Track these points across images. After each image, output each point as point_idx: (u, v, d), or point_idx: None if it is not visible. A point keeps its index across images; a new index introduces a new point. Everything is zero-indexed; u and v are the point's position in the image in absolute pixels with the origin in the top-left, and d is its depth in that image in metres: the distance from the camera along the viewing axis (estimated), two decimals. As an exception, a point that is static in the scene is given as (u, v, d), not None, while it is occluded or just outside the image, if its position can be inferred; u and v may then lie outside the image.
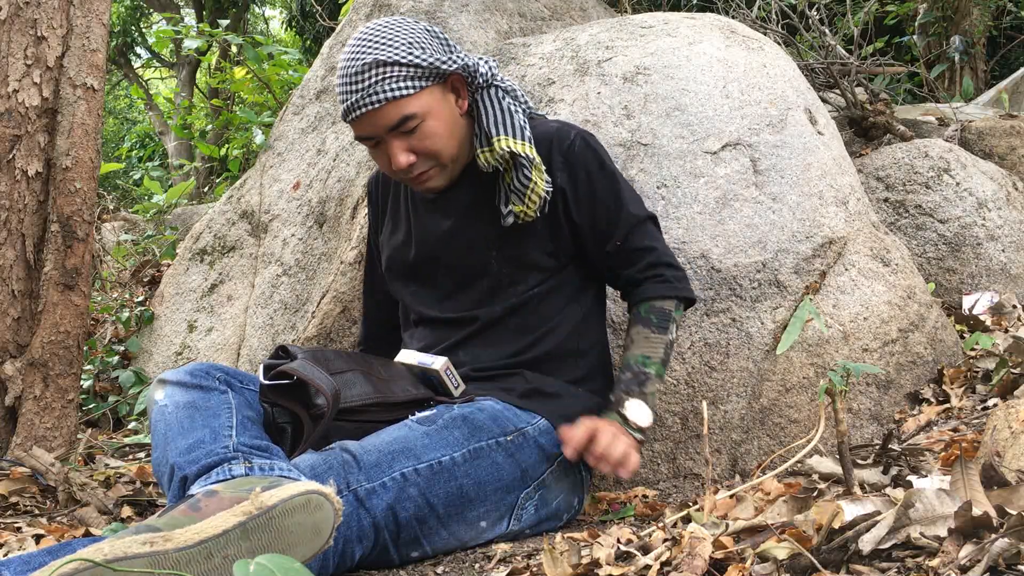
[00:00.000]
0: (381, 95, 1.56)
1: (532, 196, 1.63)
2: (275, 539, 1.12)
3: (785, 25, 3.75)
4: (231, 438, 1.35)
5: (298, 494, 1.16)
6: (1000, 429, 1.38)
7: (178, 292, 2.82)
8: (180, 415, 1.40)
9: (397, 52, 1.56)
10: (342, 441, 1.46)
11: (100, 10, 2.22)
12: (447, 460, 1.45)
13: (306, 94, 2.73)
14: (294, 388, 1.46)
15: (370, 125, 1.59)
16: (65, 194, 2.14)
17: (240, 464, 1.28)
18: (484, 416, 1.53)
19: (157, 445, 1.40)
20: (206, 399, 1.42)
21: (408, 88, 1.57)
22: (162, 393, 1.45)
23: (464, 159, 1.70)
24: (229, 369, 1.52)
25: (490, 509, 1.49)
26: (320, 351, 1.56)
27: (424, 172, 1.64)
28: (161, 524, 1.15)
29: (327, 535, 1.19)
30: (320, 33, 8.76)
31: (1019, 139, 3.14)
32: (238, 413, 1.41)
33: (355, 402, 1.49)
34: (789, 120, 2.08)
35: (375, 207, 1.91)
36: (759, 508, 1.34)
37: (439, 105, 1.62)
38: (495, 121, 1.65)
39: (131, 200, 7.72)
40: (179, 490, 1.31)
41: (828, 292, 1.99)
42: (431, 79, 1.60)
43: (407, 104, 1.57)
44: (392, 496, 1.39)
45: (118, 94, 14.07)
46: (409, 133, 1.60)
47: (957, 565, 0.96)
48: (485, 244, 1.68)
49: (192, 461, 1.31)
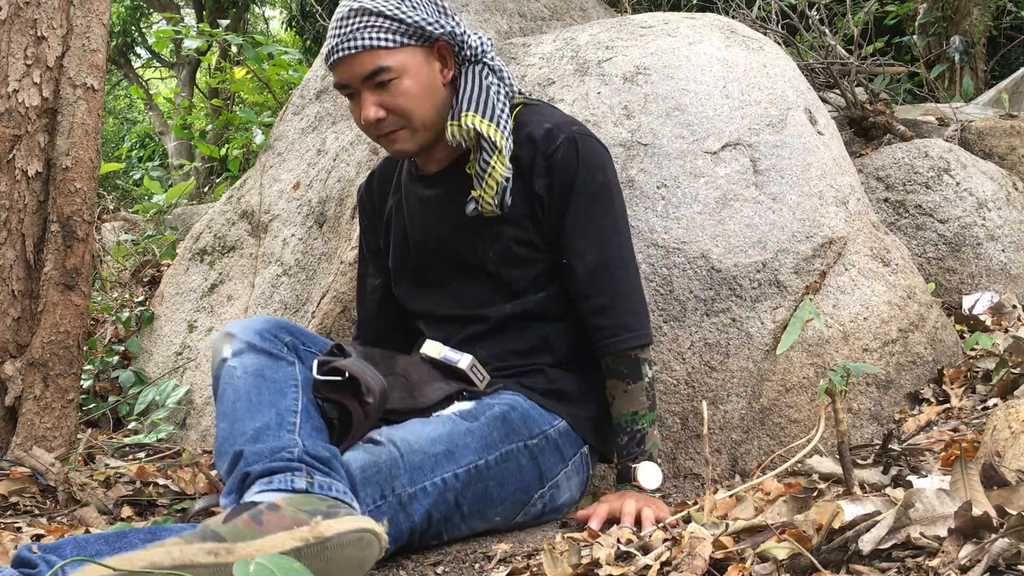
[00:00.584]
0: (359, 42, 1.56)
1: (489, 181, 1.59)
2: (323, 567, 1.16)
3: (785, 25, 3.75)
4: (295, 433, 1.37)
5: (354, 530, 1.19)
6: (1000, 429, 1.38)
7: (178, 292, 2.82)
8: (248, 384, 1.41)
9: (387, 4, 1.57)
10: (389, 431, 1.47)
11: (100, 10, 2.21)
12: (482, 464, 1.49)
13: (306, 94, 2.73)
14: (346, 385, 1.47)
15: (347, 72, 1.59)
16: (65, 194, 2.14)
17: (302, 478, 1.30)
18: (517, 416, 1.57)
19: (224, 415, 1.40)
20: (275, 369, 1.43)
21: (387, 41, 1.57)
22: (229, 349, 1.46)
23: (439, 128, 1.65)
24: (294, 328, 1.53)
25: (507, 507, 1.55)
26: (369, 351, 1.58)
27: (393, 131, 1.62)
28: (225, 533, 1.18)
29: (368, 568, 1.24)
30: (320, 33, 8.76)
31: (1019, 139, 3.14)
32: (303, 394, 1.43)
33: (395, 404, 1.52)
34: (789, 120, 2.08)
35: (370, 214, 1.89)
36: (759, 508, 1.34)
37: (418, 67, 1.60)
38: (469, 96, 1.63)
39: (131, 200, 7.72)
40: (239, 483, 1.33)
41: (828, 292, 1.99)
42: (414, 39, 1.59)
43: (383, 56, 1.57)
44: (431, 501, 1.43)
45: (118, 94, 14.06)
46: (382, 87, 1.58)
47: (957, 565, 0.96)
48: (481, 243, 1.68)
49: (257, 455, 1.32)
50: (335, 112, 2.58)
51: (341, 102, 2.56)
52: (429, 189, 1.74)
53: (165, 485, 2.04)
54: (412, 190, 1.77)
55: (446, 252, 1.72)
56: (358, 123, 1.66)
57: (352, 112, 1.66)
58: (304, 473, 1.31)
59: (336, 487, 1.32)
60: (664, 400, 1.89)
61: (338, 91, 1.66)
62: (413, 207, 1.77)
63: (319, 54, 2.77)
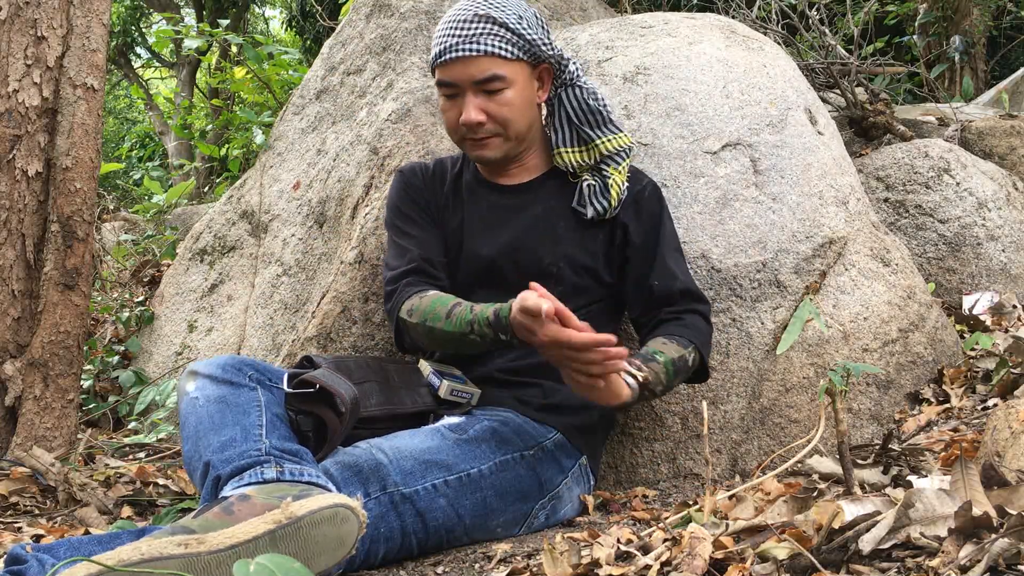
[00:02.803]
0: (481, 46, 1.63)
1: (614, 187, 1.72)
2: (301, 548, 1.16)
3: (785, 25, 3.75)
4: (261, 438, 1.37)
5: (327, 507, 1.19)
6: (1000, 429, 1.38)
7: (178, 292, 2.82)
8: (211, 410, 1.41)
9: (509, 17, 1.65)
10: (376, 440, 1.48)
11: (100, 10, 2.21)
12: (475, 472, 1.49)
13: (306, 94, 2.73)
14: (317, 396, 1.48)
15: (460, 72, 1.65)
16: (65, 194, 2.14)
17: (272, 468, 1.31)
18: (509, 430, 1.58)
19: (188, 438, 1.42)
20: (236, 395, 1.44)
21: (506, 52, 1.64)
22: (192, 385, 1.47)
23: (525, 145, 1.75)
24: (259, 364, 1.53)
25: (508, 518, 1.55)
26: (342, 360, 1.59)
27: (487, 138, 1.69)
28: (196, 526, 1.19)
29: (351, 546, 1.23)
30: (320, 33, 8.76)
31: (1019, 139, 3.14)
32: (267, 411, 1.43)
33: (372, 412, 1.53)
34: (789, 120, 2.08)
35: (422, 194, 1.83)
36: (759, 508, 1.34)
37: (524, 82, 1.69)
38: (588, 122, 1.73)
39: (131, 200, 7.72)
40: (212, 489, 1.33)
41: (828, 292, 1.99)
42: (527, 56, 1.67)
43: (501, 65, 1.64)
44: (424, 504, 1.43)
45: (118, 94, 14.06)
46: (490, 94, 1.66)
47: (957, 565, 0.96)
48: (553, 250, 1.72)
49: (225, 461, 1.33)
50: (335, 112, 2.58)
51: (341, 102, 2.56)
52: (508, 198, 1.78)
53: (165, 485, 2.04)
54: (484, 196, 1.80)
55: (508, 259, 1.74)
56: (450, 122, 1.71)
57: (445, 110, 1.71)
58: (273, 463, 1.32)
59: (308, 472, 1.32)
60: (664, 400, 1.89)
61: (437, 87, 1.71)
62: (483, 213, 1.79)
63: (319, 54, 2.77)
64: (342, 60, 2.62)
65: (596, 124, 1.74)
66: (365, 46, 2.53)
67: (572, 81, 1.74)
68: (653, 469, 1.91)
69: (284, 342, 2.32)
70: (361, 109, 2.44)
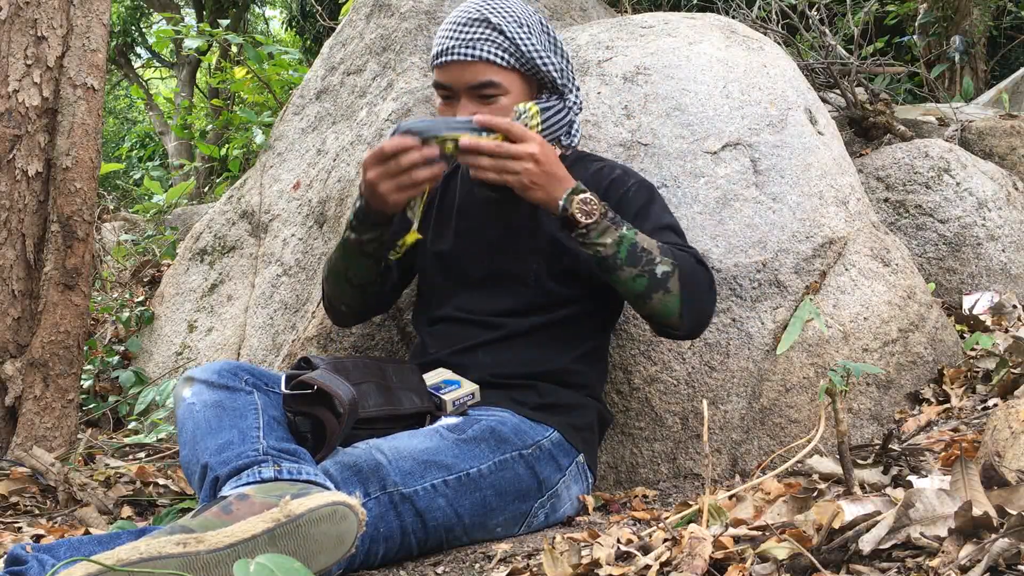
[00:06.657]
0: (478, 51, 1.62)
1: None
2: (300, 546, 1.16)
3: (785, 25, 3.75)
4: (259, 440, 1.38)
5: (325, 504, 1.19)
6: (1000, 429, 1.38)
7: (178, 292, 2.83)
8: (208, 414, 1.42)
9: (509, 24, 1.63)
10: (374, 441, 1.48)
11: (100, 10, 2.21)
12: (475, 472, 1.49)
13: (306, 94, 2.73)
14: (315, 397, 1.48)
15: (456, 76, 1.65)
16: (65, 194, 2.14)
17: (269, 467, 1.31)
18: (507, 429, 1.58)
19: (185, 443, 1.43)
20: (232, 399, 1.45)
21: (501, 59, 1.64)
22: (189, 391, 1.48)
23: None
24: (255, 369, 1.54)
25: (507, 518, 1.55)
26: (340, 361, 1.59)
27: None
28: (194, 525, 1.19)
29: (350, 544, 1.23)
30: (320, 33, 8.77)
31: (1019, 139, 3.14)
32: (264, 414, 1.44)
33: (370, 412, 1.53)
34: (789, 120, 2.08)
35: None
36: (759, 508, 1.34)
37: (518, 92, 1.68)
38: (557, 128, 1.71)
39: (131, 200, 7.72)
40: (211, 490, 1.34)
41: (828, 292, 1.99)
42: (522, 67, 1.66)
43: (496, 72, 1.64)
44: (423, 504, 1.43)
45: (118, 94, 14.06)
46: (484, 100, 1.65)
47: (957, 565, 0.96)
48: (531, 255, 1.71)
49: (223, 462, 1.34)
50: (335, 112, 2.58)
51: (341, 102, 2.56)
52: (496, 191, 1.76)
53: (165, 485, 2.04)
54: (473, 189, 1.79)
55: (491, 255, 1.74)
56: None
57: (441, 112, 1.72)
58: (271, 463, 1.32)
59: (306, 471, 1.33)
60: (664, 400, 1.89)
61: (434, 88, 1.72)
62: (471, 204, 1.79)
63: (319, 54, 2.77)
64: (342, 60, 2.62)
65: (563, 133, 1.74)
66: (365, 46, 2.53)
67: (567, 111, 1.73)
68: (653, 469, 1.91)
69: (284, 342, 2.32)
70: (361, 109, 2.44)
